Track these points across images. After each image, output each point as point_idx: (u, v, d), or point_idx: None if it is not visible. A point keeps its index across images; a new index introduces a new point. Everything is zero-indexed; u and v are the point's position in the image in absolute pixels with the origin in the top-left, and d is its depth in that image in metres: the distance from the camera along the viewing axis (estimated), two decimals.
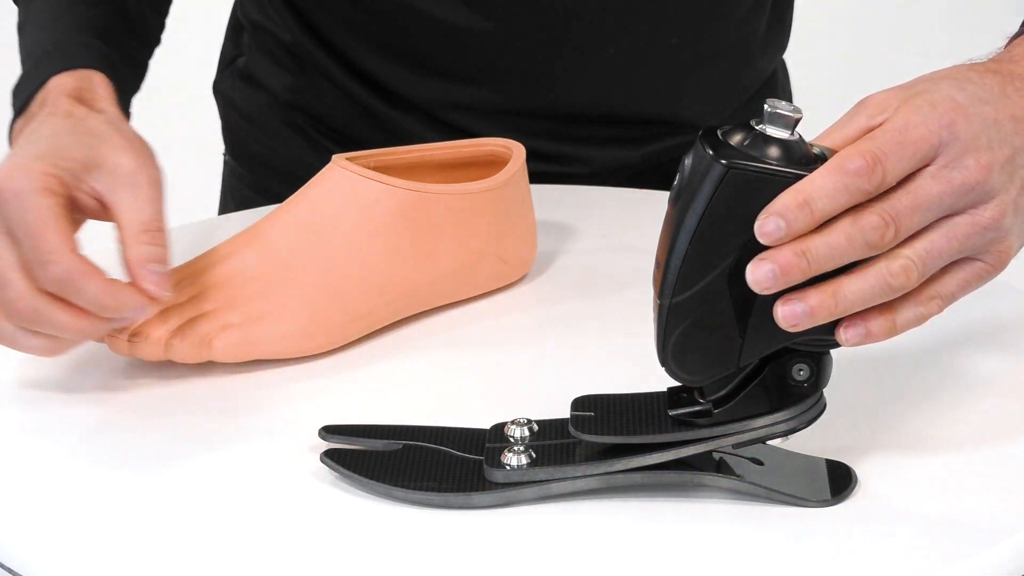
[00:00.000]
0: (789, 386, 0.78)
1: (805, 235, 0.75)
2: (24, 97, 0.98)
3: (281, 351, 0.94)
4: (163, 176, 0.92)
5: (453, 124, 1.18)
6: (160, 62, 1.04)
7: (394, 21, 1.16)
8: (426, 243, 0.98)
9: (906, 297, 0.78)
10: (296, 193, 0.98)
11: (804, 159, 0.76)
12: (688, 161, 0.77)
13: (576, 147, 1.20)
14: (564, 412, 0.81)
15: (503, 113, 1.18)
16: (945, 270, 0.79)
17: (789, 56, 1.30)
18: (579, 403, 0.81)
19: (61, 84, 0.97)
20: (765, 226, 0.75)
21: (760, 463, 0.81)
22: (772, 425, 0.78)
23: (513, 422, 0.82)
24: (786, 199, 0.75)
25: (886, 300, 0.77)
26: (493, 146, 1.06)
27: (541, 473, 0.79)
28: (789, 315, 0.75)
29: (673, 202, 0.77)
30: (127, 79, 1.05)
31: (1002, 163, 0.78)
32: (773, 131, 0.76)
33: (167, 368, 0.93)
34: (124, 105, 1.02)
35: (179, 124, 2.53)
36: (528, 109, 1.18)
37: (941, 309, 0.79)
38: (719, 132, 0.76)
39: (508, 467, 0.80)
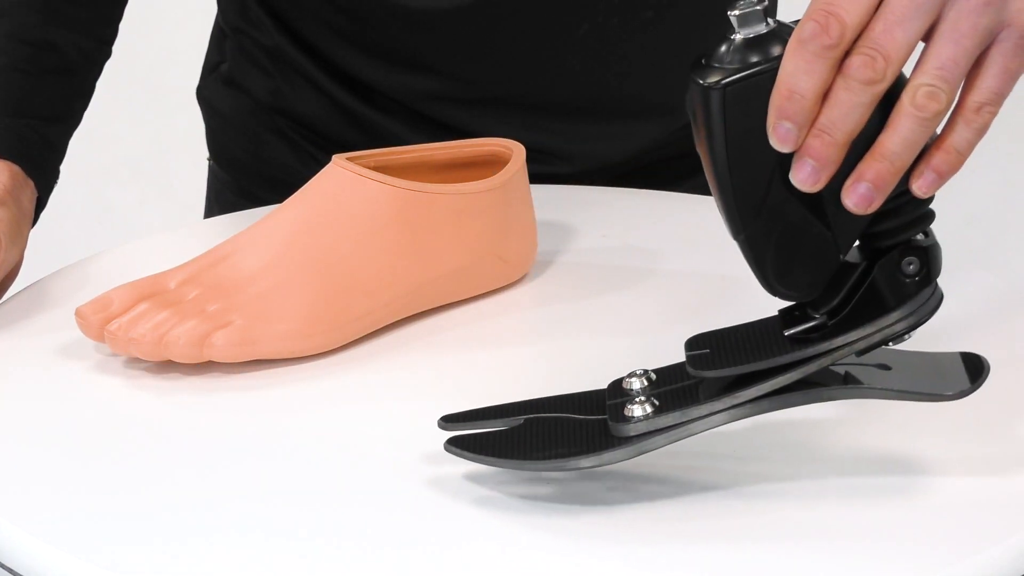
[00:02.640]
0: (901, 283, 0.76)
1: (816, 118, 0.73)
2: None
3: (281, 351, 0.93)
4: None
5: (433, 118, 1.18)
6: (146, 69, 1.05)
7: (367, 15, 1.16)
8: (426, 243, 0.98)
9: (954, 119, 0.75)
10: (296, 193, 0.98)
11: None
12: (689, 101, 0.76)
13: (559, 143, 1.20)
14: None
15: (482, 103, 1.17)
16: (977, 71, 0.75)
17: None
18: (693, 343, 0.80)
19: None
20: (777, 135, 0.74)
21: (888, 368, 0.79)
22: (890, 325, 0.77)
23: (630, 375, 0.80)
24: (775, 100, 0.74)
25: (932, 132, 0.74)
26: (493, 146, 1.06)
27: (667, 419, 0.78)
28: (859, 199, 0.74)
29: (696, 138, 0.76)
30: (43, 151, 1.08)
31: None
32: (747, 32, 0.75)
33: (167, 368, 0.93)
34: (43, 177, 1.07)
35: (165, 130, 2.54)
36: (507, 98, 1.17)
37: (994, 113, 0.75)
38: (702, 60, 0.75)
39: (633, 419, 0.78)
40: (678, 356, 0.81)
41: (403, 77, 1.18)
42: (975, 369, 0.79)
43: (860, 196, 0.74)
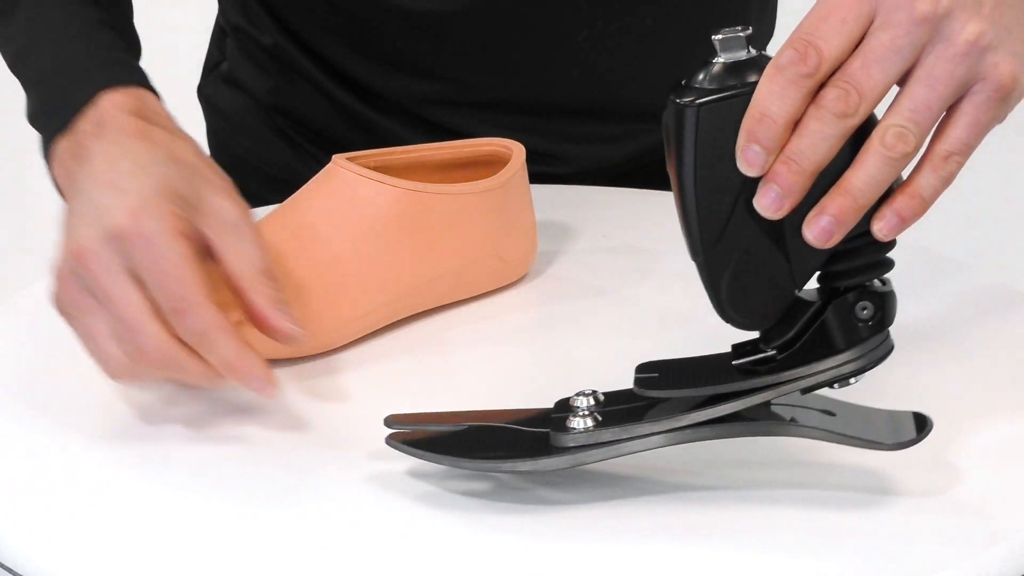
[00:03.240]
0: (854, 326, 0.77)
1: (785, 145, 0.74)
2: (65, 116, 0.91)
3: (280, 351, 0.93)
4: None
5: (432, 121, 1.18)
6: (147, 67, 1.02)
7: (365, 18, 1.16)
8: (426, 243, 0.98)
9: (921, 166, 0.76)
10: (296, 193, 0.98)
11: None
12: (665, 120, 0.77)
13: (558, 144, 1.20)
14: None
15: (479, 106, 1.17)
16: (948, 120, 0.76)
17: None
18: (643, 367, 0.80)
19: (115, 101, 0.91)
20: (745, 158, 0.75)
21: (832, 415, 0.80)
22: (839, 366, 0.77)
23: (578, 393, 0.81)
24: (746, 123, 0.74)
25: (898, 173, 0.75)
26: (493, 146, 1.06)
27: (607, 434, 0.78)
28: (819, 233, 0.75)
29: (668, 158, 0.77)
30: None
31: None
32: (728, 56, 0.76)
33: None
34: None
35: None
36: (506, 101, 1.17)
37: (961, 164, 0.76)
38: (682, 81, 0.76)
39: (574, 431, 0.79)
40: (675, 356, 0.81)
41: (402, 81, 1.18)
42: (920, 425, 0.79)
43: (821, 229, 0.75)
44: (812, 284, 0.78)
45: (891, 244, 0.78)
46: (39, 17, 0.98)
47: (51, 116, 0.93)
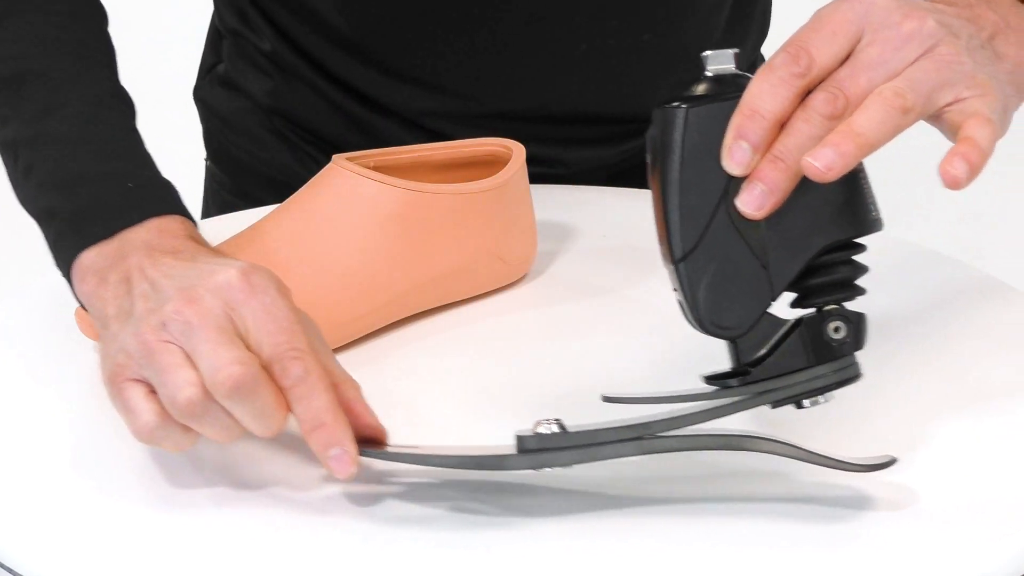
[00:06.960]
0: (827, 343, 0.78)
1: (771, 145, 0.76)
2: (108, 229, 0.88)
3: None
4: None
5: (431, 129, 1.18)
6: (142, 69, 1.00)
7: (364, 32, 1.16)
8: (426, 243, 0.98)
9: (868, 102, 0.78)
10: (296, 193, 0.98)
11: None
12: (651, 131, 0.78)
13: (554, 149, 1.20)
14: (564, 412, 0.81)
15: (479, 117, 1.17)
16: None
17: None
18: (610, 398, 0.80)
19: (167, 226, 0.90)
20: (732, 155, 0.76)
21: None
22: (810, 380, 0.78)
23: (540, 421, 0.79)
24: (735, 120, 0.77)
25: (897, 127, 0.77)
26: (493, 146, 1.06)
27: (574, 438, 0.78)
28: (826, 162, 0.75)
29: (651, 170, 0.78)
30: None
31: (937, 20, 0.79)
32: (715, 69, 0.78)
33: None
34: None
35: (161, 130, 2.53)
36: (504, 113, 1.18)
37: (908, 104, 0.77)
38: (671, 96, 0.78)
39: (541, 433, 0.78)
40: (677, 357, 0.81)
41: (400, 91, 1.18)
42: (890, 461, 0.80)
43: (827, 159, 0.75)
44: (786, 309, 0.79)
45: (864, 268, 0.79)
46: (57, 111, 0.95)
47: (89, 223, 0.90)
